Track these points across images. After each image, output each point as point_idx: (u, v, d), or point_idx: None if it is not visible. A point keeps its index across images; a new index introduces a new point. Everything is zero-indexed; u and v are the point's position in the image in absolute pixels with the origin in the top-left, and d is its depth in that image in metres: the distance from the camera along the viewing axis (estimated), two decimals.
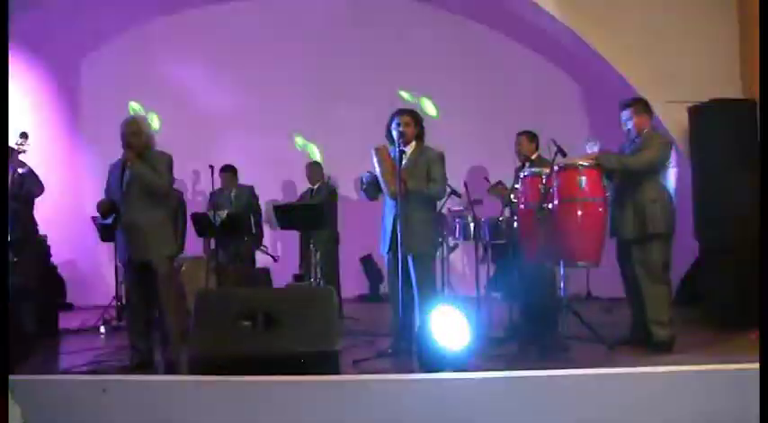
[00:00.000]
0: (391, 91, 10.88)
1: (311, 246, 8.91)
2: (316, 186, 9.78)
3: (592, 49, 9.21)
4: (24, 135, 7.59)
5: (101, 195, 6.65)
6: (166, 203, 6.62)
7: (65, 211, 10.41)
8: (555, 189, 6.44)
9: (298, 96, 11.37)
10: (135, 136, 6.41)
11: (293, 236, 9.86)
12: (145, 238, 6.34)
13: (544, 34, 10.01)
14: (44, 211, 8.28)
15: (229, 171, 9.77)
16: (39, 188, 7.82)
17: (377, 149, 6.57)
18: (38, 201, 7.95)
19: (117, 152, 6.52)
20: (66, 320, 9.08)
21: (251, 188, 9.87)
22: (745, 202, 7.62)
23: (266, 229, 10.22)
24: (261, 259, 9.87)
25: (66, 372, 6.24)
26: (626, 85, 8.94)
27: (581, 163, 6.50)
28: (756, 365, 4.72)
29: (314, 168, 9.92)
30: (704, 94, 8.09)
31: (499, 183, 7.88)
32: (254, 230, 9.62)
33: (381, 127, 6.73)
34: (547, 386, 5.03)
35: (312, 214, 8.66)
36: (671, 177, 6.50)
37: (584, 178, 6.43)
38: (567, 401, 4.88)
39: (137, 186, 6.34)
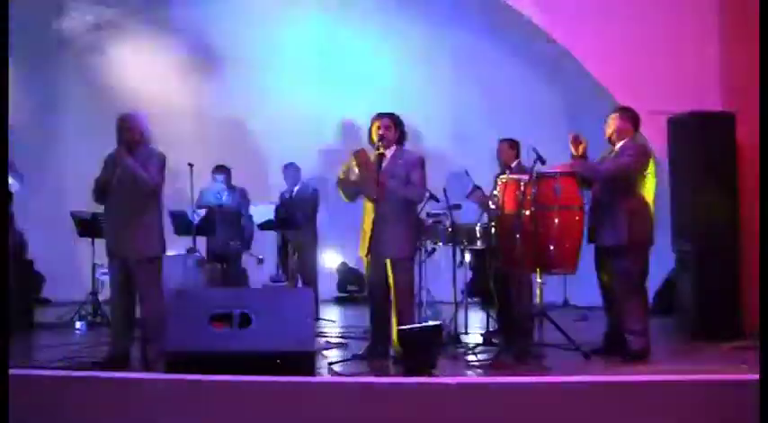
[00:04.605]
0: (372, 93, 10.79)
1: (289, 246, 8.89)
2: (296, 188, 9.72)
3: (574, 59, 9.24)
4: None
5: (84, 189, 6.60)
6: (156, 203, 6.55)
7: (43, 204, 10.33)
8: (532, 196, 6.47)
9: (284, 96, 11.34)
10: (128, 132, 6.38)
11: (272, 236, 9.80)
12: (129, 237, 6.31)
13: (528, 44, 10.04)
14: (22, 205, 8.21)
15: (223, 172, 9.61)
16: (17, 181, 7.76)
17: (356, 153, 6.51)
18: (16, 194, 7.88)
19: (104, 146, 6.51)
20: (43, 315, 9.07)
21: (243, 190, 9.69)
22: (721, 215, 7.68)
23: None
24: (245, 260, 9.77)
25: (40, 366, 6.21)
26: (607, 95, 8.96)
27: (558, 170, 6.53)
28: (737, 377, 4.80)
29: (290, 170, 9.82)
30: (685, 106, 8.12)
31: (478, 188, 7.90)
32: (244, 234, 9.52)
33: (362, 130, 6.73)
34: (522, 393, 5.06)
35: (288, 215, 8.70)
36: (651, 188, 6.50)
37: (560, 186, 6.47)
38: (541, 409, 4.90)
39: (128, 182, 6.29)
